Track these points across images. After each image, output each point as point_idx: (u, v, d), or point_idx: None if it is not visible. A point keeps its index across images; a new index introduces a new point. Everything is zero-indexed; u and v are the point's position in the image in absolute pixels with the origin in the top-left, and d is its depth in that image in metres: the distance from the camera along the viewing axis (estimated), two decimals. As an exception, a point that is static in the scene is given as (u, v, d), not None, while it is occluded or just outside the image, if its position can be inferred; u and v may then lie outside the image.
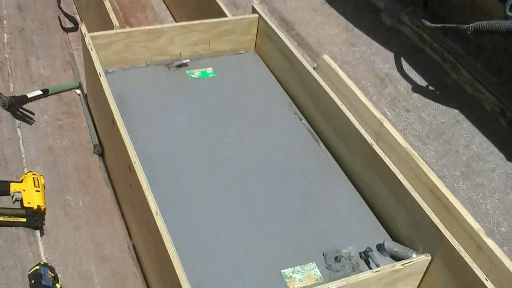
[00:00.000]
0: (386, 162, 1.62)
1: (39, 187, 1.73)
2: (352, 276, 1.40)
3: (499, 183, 1.78)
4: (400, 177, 1.58)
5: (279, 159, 1.83)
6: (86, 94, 2.23)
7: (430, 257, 1.50)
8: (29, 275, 1.53)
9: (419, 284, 1.57)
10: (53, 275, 1.56)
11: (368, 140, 1.70)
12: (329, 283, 1.38)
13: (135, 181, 1.53)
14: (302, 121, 1.97)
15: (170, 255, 1.32)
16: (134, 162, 1.53)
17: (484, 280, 1.37)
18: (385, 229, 1.65)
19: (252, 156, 1.83)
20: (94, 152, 2.02)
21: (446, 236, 1.45)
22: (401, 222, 1.61)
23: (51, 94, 2.19)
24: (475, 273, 1.38)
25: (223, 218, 1.62)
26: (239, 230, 1.59)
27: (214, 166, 1.79)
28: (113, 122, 1.67)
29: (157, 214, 1.41)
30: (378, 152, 1.65)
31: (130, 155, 1.54)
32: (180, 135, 1.86)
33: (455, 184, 1.81)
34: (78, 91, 2.27)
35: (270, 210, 1.67)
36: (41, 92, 2.14)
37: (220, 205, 1.66)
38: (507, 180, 1.78)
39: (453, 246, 1.43)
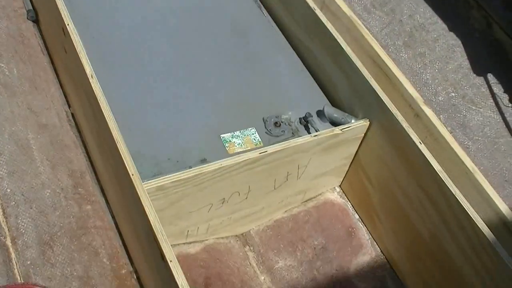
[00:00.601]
0: (329, 29, 1.60)
1: (-32, 53, 1.65)
2: (291, 140, 1.42)
3: (440, 54, 1.80)
4: (343, 44, 1.56)
5: (220, 24, 1.78)
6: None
7: (369, 123, 1.52)
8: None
9: (357, 149, 1.61)
10: (-13, 142, 1.52)
11: (312, 7, 1.66)
12: (267, 147, 1.39)
13: (69, 45, 1.47)
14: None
15: (106, 118, 1.30)
16: (68, 24, 1.46)
17: (418, 144, 1.40)
18: (326, 97, 1.65)
19: (192, 20, 1.77)
20: (27, 18, 1.92)
21: (385, 102, 1.46)
22: (342, 90, 1.62)
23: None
24: (411, 137, 1.41)
25: (160, 83, 1.58)
26: (177, 95, 1.56)
27: (152, 27, 1.72)
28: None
29: (92, 77, 1.36)
30: (321, 19, 1.62)
31: (63, 17, 1.47)
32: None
33: (397, 53, 1.82)
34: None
35: (209, 75, 1.63)
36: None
37: (158, 68, 1.62)
38: (448, 50, 1.80)
39: (391, 112, 1.45)
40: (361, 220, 1.69)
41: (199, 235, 1.57)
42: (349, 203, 1.72)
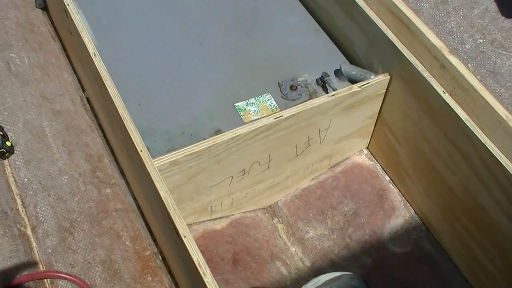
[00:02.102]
0: (340, -18, 1.52)
1: (-23, 45, 1.63)
2: (307, 102, 1.35)
3: (464, -1, 1.69)
4: (356, -4, 1.49)
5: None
6: None
7: (389, 77, 1.44)
8: (-24, 134, 1.47)
9: (381, 107, 1.53)
10: (1, 133, 1.50)
11: (321, -38, 1.58)
12: (283, 111, 1.33)
13: (72, 26, 1.43)
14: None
15: (111, 96, 1.25)
16: (68, 4, 1.42)
17: (441, 93, 1.32)
18: (343, 55, 1.57)
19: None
20: (36, 6, 1.89)
21: (403, 53, 1.38)
22: (358, 46, 1.54)
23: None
24: (433, 87, 1.33)
25: (168, 55, 1.53)
26: (186, 65, 1.51)
27: None
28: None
29: (95, 55, 1.32)
30: (331, -27, 1.55)
31: (63, -2, 1.43)
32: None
33: (417, 4, 1.71)
34: None
35: (218, 42, 1.58)
36: None
37: (164, 40, 1.57)
38: (472, -6, 1.69)
39: (410, 63, 1.37)
40: (392, 181, 1.62)
41: (224, 210, 1.52)
42: (378, 165, 1.65)
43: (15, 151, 1.50)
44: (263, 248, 1.51)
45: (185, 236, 1.08)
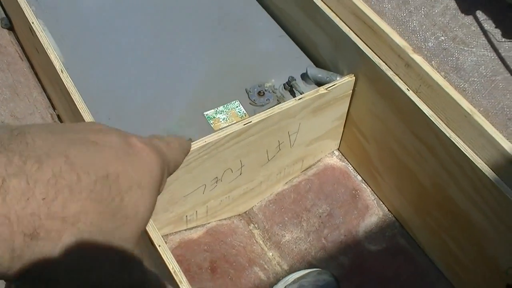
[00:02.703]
0: (301, -12, 1.54)
1: None
2: (275, 107, 1.37)
3: (424, -2, 1.72)
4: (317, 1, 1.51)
5: None
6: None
7: (354, 78, 1.46)
8: None
9: (349, 108, 1.55)
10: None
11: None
12: (252, 117, 1.34)
13: (38, 44, 1.43)
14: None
15: (80, 111, 1.26)
16: (33, 22, 1.42)
17: (405, 91, 1.34)
18: (308, 58, 1.59)
19: None
20: (2, 27, 1.89)
21: (366, 53, 1.40)
22: (323, 48, 1.56)
23: None
24: (397, 85, 1.36)
25: (135, 66, 1.54)
26: (154, 77, 1.51)
27: (120, 8, 1.68)
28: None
29: (62, 72, 1.33)
30: (292, -22, 1.57)
31: (27, 16, 1.44)
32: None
33: (380, 5, 1.74)
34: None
35: (185, 51, 1.59)
36: None
37: (131, 52, 1.57)
38: (432, -7, 1.72)
39: (374, 62, 1.39)
40: (364, 180, 1.64)
41: (199, 219, 1.53)
42: (350, 165, 1.67)
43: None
44: (240, 254, 1.52)
45: (159, 246, 1.08)
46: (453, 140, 1.27)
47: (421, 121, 1.33)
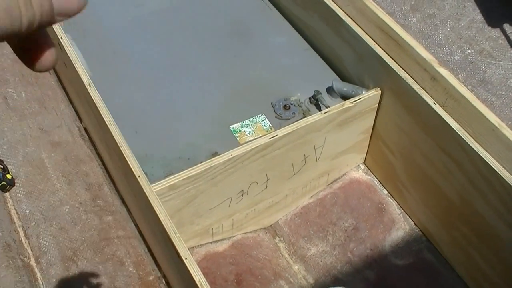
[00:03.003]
0: (325, 1, 1.54)
1: (-26, 82, 1.65)
2: (301, 121, 1.37)
3: (450, 11, 1.72)
4: (341, 14, 1.51)
5: (215, 14, 1.74)
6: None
7: (380, 92, 1.45)
8: (-24, 168, 1.49)
9: (374, 121, 1.54)
10: (1, 167, 1.52)
11: (307, -18, 1.61)
12: (277, 130, 1.35)
13: (66, 58, 1.45)
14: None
15: (107, 124, 1.27)
16: (61, 38, 1.45)
17: (432, 104, 1.34)
18: (334, 72, 1.59)
19: (185, 13, 1.74)
20: (31, 41, 1.92)
21: (392, 67, 1.40)
22: (348, 62, 1.56)
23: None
24: (424, 99, 1.35)
25: (161, 81, 1.55)
26: (180, 91, 1.53)
27: (147, 26, 1.70)
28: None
29: (90, 86, 1.35)
30: (317, -8, 1.57)
31: (56, 31, 1.46)
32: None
33: (405, 19, 1.74)
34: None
35: (210, 65, 1.60)
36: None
37: (157, 67, 1.59)
38: (458, 7, 1.72)
39: (400, 76, 1.39)
40: (390, 194, 1.63)
41: (225, 232, 1.53)
42: (376, 179, 1.66)
43: (15, 184, 1.52)
44: (265, 267, 1.52)
45: (186, 258, 1.09)
46: (480, 154, 1.26)
47: (448, 135, 1.32)
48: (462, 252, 1.45)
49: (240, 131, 1.43)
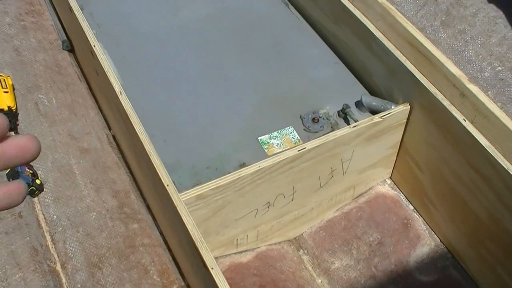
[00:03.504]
0: (357, 16, 1.55)
1: (7, 88, 1.67)
2: (329, 134, 1.37)
3: (481, 28, 1.70)
4: (372, 29, 1.51)
5: (247, 25, 1.76)
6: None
7: (409, 107, 1.45)
8: (6, 174, 1.51)
9: (402, 136, 1.54)
10: (31, 172, 1.54)
11: (339, -3, 1.61)
12: (306, 143, 1.35)
13: (98, 66, 1.47)
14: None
15: (137, 132, 1.29)
16: (94, 46, 1.47)
17: (462, 121, 1.33)
18: (363, 86, 1.59)
19: (217, 23, 1.76)
20: (63, 49, 1.95)
21: (422, 82, 1.40)
22: (378, 77, 1.56)
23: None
24: (454, 116, 1.34)
25: (192, 91, 1.57)
26: (210, 101, 1.54)
27: (178, 36, 1.72)
28: (70, 10, 1.59)
29: (121, 94, 1.36)
30: (348, 7, 1.58)
31: (89, 40, 1.48)
32: (141, 12, 1.78)
33: (435, 34, 1.73)
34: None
35: (240, 77, 1.61)
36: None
37: (188, 77, 1.61)
38: (489, 23, 1.70)
39: (430, 92, 1.38)
40: (416, 210, 1.62)
41: (250, 243, 1.53)
42: (402, 194, 1.65)
43: (44, 189, 1.54)
44: (289, 280, 1.52)
45: (212, 268, 1.09)
46: (509, 171, 1.25)
47: (477, 151, 1.31)
48: (488, 269, 1.43)
49: (268, 142, 1.44)
